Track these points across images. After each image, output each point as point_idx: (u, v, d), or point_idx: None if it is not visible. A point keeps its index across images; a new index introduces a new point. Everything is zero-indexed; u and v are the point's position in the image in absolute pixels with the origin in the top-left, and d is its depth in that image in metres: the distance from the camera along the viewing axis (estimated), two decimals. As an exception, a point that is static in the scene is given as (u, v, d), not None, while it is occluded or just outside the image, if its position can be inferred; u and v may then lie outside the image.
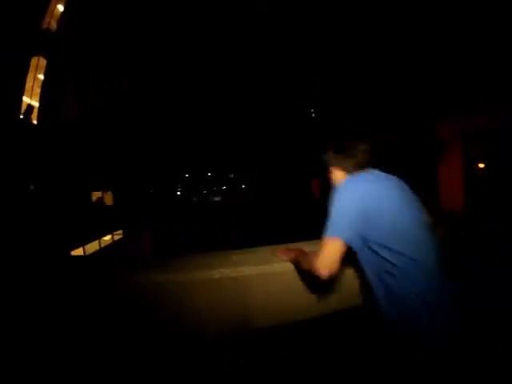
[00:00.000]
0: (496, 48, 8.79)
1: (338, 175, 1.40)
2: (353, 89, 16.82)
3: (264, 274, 1.77)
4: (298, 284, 1.80)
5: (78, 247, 13.47)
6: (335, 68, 20.64)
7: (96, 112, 16.60)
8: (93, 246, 15.32)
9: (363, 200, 1.17)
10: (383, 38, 13.56)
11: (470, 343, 1.33)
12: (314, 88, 26.48)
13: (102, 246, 16.23)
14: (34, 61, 10.82)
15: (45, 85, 11.31)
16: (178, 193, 54.66)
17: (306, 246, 1.75)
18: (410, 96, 12.29)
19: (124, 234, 20.10)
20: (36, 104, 11.27)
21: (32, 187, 10.66)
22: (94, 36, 15.04)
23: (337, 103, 19.97)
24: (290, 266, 1.69)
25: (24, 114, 10.58)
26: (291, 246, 1.90)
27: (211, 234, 32.32)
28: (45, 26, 11.16)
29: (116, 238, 19.18)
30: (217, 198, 59.38)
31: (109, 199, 19.76)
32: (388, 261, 1.13)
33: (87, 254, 14.17)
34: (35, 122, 11.10)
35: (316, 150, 29.72)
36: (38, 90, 11.25)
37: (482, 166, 10.82)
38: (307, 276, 1.68)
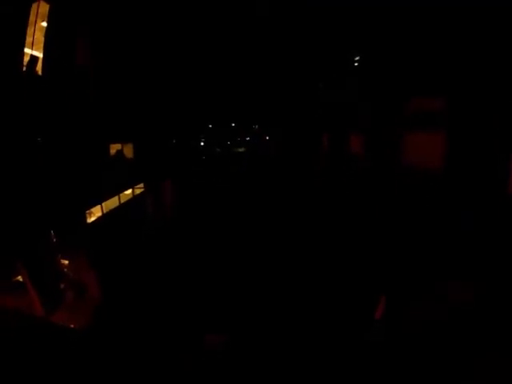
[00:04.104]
0: None
1: None
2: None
3: None
4: None
5: (95, 204, 13.41)
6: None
7: (111, 59, 15.66)
8: (112, 202, 15.28)
9: None
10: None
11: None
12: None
13: (122, 201, 16.14)
14: (33, 7, 9.84)
15: (48, 33, 10.40)
16: (202, 143, 54.09)
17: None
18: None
19: (145, 187, 20.02)
20: (40, 54, 10.47)
21: (40, 141, 10.24)
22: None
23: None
24: None
25: (27, 67, 9.87)
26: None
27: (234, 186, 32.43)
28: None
29: (137, 191, 19.10)
30: (241, 150, 58.61)
31: (129, 151, 19.33)
32: None
33: (105, 211, 14.13)
34: (40, 73, 10.37)
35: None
36: (41, 40, 10.40)
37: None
38: None
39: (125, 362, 8.06)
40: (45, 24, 10.45)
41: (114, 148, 17.49)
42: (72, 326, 8.91)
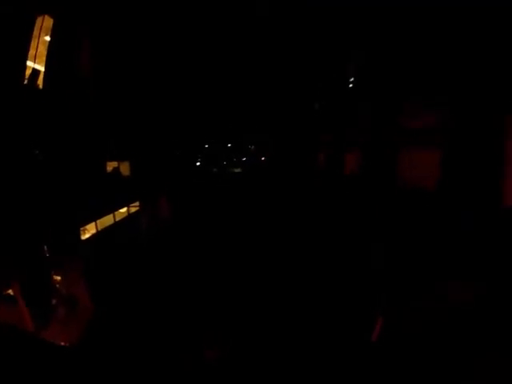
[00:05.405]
0: None
1: None
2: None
3: None
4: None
5: (89, 222, 13.03)
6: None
7: (111, 78, 15.68)
8: (107, 220, 14.91)
9: None
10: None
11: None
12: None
13: (117, 219, 15.77)
14: (38, 21, 9.83)
15: (51, 47, 10.35)
16: (198, 163, 54.10)
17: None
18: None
19: (141, 205, 19.68)
20: (41, 68, 10.38)
21: (39, 157, 10.01)
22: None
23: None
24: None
25: (29, 80, 9.74)
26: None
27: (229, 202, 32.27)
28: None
29: (132, 210, 18.74)
30: (237, 170, 58.95)
31: (125, 169, 19.09)
32: None
33: (100, 229, 13.73)
34: (41, 87, 10.25)
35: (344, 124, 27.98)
36: (43, 53, 10.33)
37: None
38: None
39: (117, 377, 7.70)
40: (48, 38, 10.44)
41: (110, 166, 17.25)
42: (62, 341, 8.47)
